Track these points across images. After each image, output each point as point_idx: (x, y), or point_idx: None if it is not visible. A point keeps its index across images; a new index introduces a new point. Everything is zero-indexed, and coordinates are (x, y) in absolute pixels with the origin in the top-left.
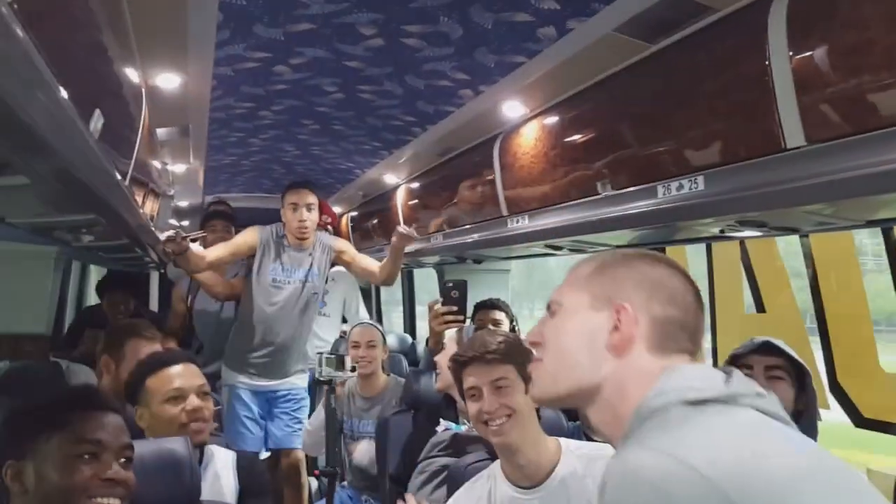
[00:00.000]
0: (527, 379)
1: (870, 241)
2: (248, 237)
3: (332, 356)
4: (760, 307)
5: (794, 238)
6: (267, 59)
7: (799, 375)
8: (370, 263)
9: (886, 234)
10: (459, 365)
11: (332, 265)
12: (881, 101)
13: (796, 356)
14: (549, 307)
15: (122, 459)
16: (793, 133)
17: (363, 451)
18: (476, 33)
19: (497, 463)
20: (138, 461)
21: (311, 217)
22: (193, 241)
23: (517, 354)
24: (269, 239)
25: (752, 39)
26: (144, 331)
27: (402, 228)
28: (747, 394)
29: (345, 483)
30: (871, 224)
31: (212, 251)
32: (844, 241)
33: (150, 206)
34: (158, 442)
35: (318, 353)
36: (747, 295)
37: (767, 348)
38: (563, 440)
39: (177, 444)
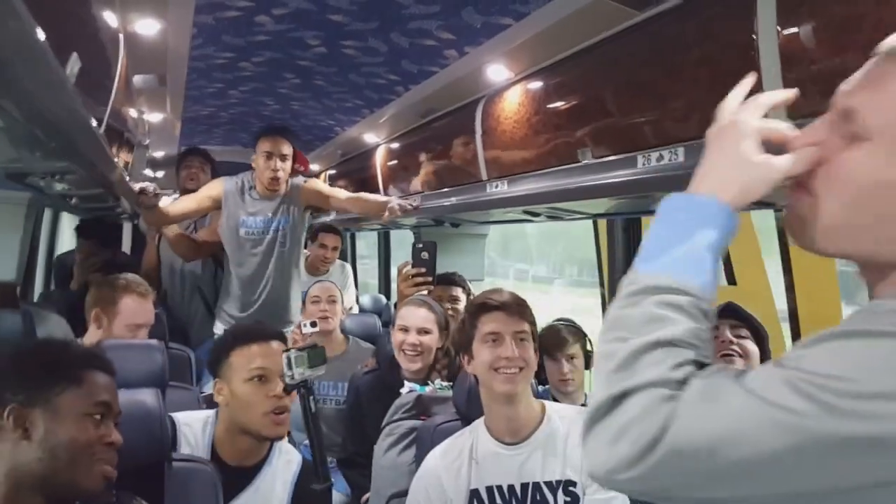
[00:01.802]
0: (535, 339)
1: None
2: (212, 189)
3: (303, 352)
4: (732, 280)
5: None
6: (249, 7)
7: (758, 338)
8: (346, 195)
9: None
10: (482, 309)
11: (307, 209)
12: None
13: (755, 319)
14: (844, 115)
15: (115, 425)
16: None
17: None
18: None
19: (480, 420)
20: None
21: (285, 167)
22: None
23: (530, 314)
24: (236, 189)
25: (740, 11)
26: (138, 286)
27: (396, 204)
28: None
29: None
30: None
31: (176, 204)
32: None
33: (124, 156)
34: (127, 393)
35: (285, 353)
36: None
37: (731, 310)
38: (546, 402)
39: (146, 396)
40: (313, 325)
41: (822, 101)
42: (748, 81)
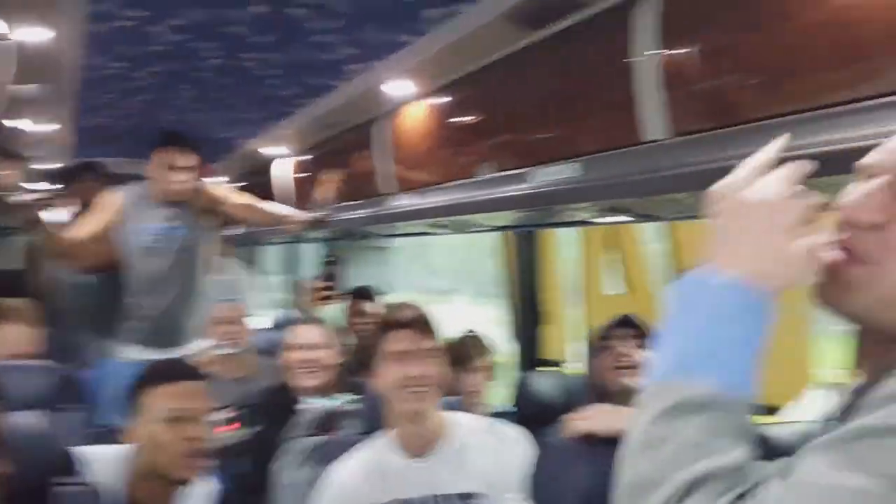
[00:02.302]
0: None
1: None
2: (113, 200)
3: (243, 409)
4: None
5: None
6: (143, 17)
7: None
8: (242, 202)
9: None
10: (389, 327)
11: (206, 213)
12: (743, 99)
13: (649, 327)
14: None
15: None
16: (658, 126)
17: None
18: (365, 8)
19: (383, 435)
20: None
21: (191, 179)
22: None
23: (435, 328)
24: (134, 199)
25: (622, 35)
26: (19, 313)
27: (294, 220)
28: None
29: None
30: None
31: (83, 227)
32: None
33: (11, 167)
34: (10, 416)
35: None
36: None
37: (628, 321)
38: (451, 414)
39: (31, 419)
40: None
41: (701, 120)
42: (781, 141)
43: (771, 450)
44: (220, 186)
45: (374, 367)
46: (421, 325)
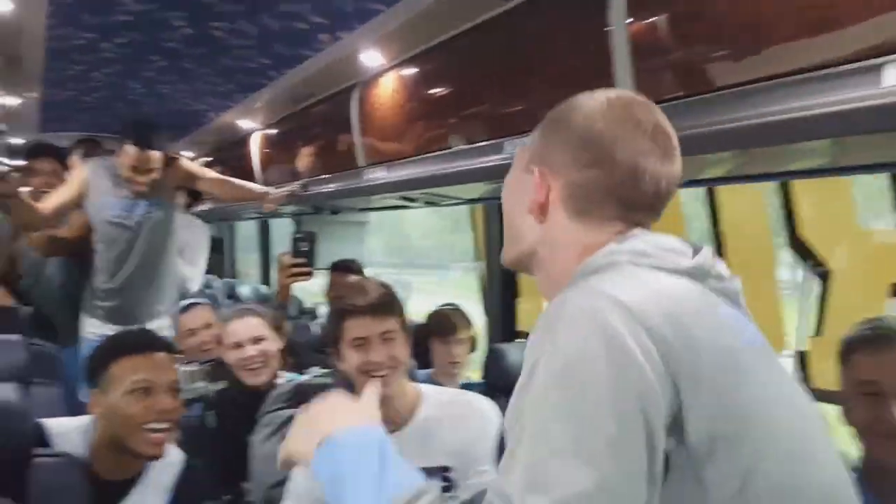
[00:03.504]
0: (405, 331)
1: None
2: (79, 173)
3: (202, 367)
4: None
5: None
6: None
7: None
8: (216, 177)
9: (709, 193)
10: (346, 313)
11: (177, 189)
12: (709, 67)
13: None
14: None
15: None
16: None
17: None
18: None
19: None
20: None
21: (154, 176)
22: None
23: (397, 307)
24: (100, 173)
25: (594, 4)
26: None
27: (271, 199)
28: (709, 273)
29: None
30: (694, 183)
31: (50, 200)
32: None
33: None
34: None
35: (184, 367)
36: None
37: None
38: (422, 386)
39: (6, 391)
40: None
41: (669, 88)
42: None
43: None
44: (192, 163)
45: (336, 350)
46: (380, 307)
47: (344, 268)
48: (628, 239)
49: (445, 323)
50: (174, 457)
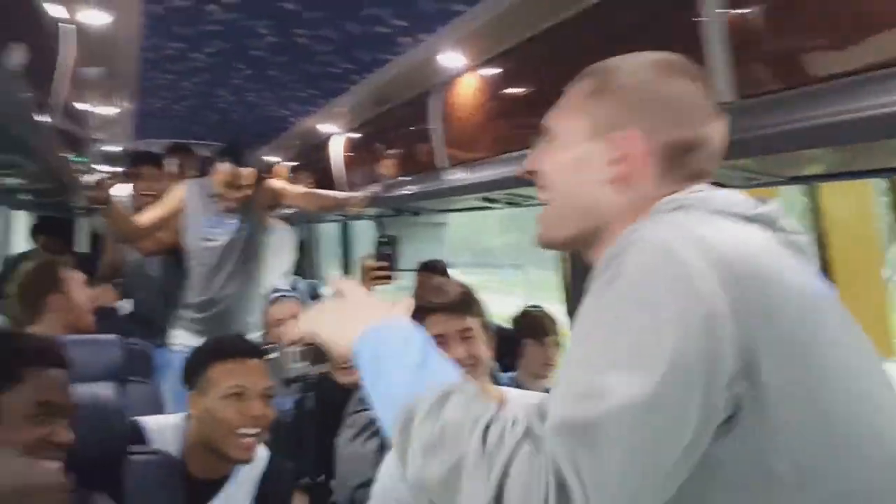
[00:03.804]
0: (485, 331)
1: None
2: (176, 192)
3: (306, 348)
4: None
5: None
6: None
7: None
8: (302, 192)
9: (811, 192)
10: (424, 311)
11: (268, 208)
12: (810, 59)
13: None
14: (545, 131)
15: (70, 419)
16: (725, 88)
17: None
18: None
19: None
20: None
21: (246, 193)
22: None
23: (476, 306)
24: (196, 193)
25: None
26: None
27: (354, 202)
28: (777, 222)
29: None
30: (793, 181)
31: (146, 215)
32: None
33: (76, 149)
34: (82, 387)
35: (289, 349)
36: None
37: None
38: (504, 388)
39: (102, 390)
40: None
41: (769, 82)
42: None
43: None
44: (277, 181)
45: None
46: (458, 306)
47: (430, 268)
48: (695, 191)
49: (539, 324)
50: (260, 453)
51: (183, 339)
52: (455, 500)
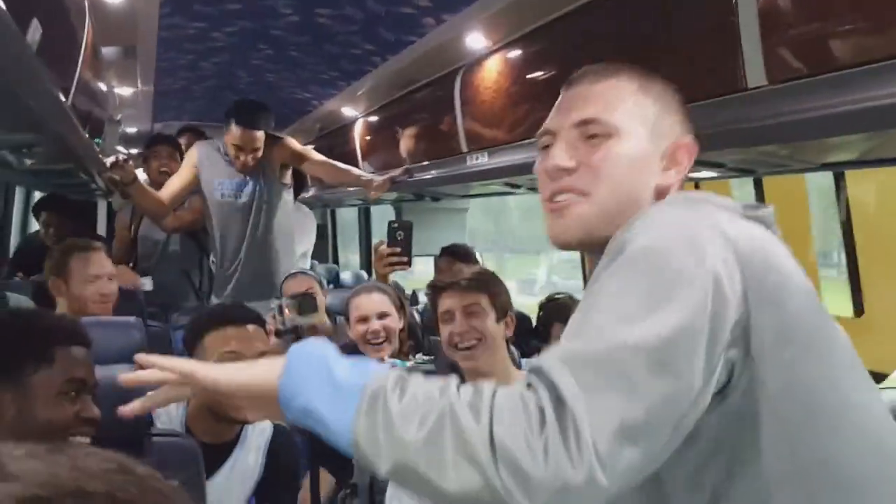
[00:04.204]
0: (498, 309)
1: None
2: (190, 156)
3: (294, 299)
4: None
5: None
6: None
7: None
8: (321, 159)
9: (837, 178)
10: (436, 291)
11: (283, 168)
12: (841, 44)
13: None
14: (588, 124)
15: (92, 396)
16: (755, 73)
17: None
18: None
19: None
20: None
21: (258, 155)
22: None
23: (490, 285)
24: (210, 154)
25: None
26: (83, 242)
27: (376, 185)
28: (773, 225)
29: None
30: (824, 167)
31: (165, 190)
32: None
33: (95, 130)
34: (104, 369)
35: (276, 301)
36: None
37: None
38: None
39: (121, 371)
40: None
41: (798, 67)
42: None
43: None
44: (297, 143)
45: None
46: (466, 283)
47: (451, 253)
48: (695, 192)
49: (566, 310)
50: (264, 423)
51: None
52: (443, 456)
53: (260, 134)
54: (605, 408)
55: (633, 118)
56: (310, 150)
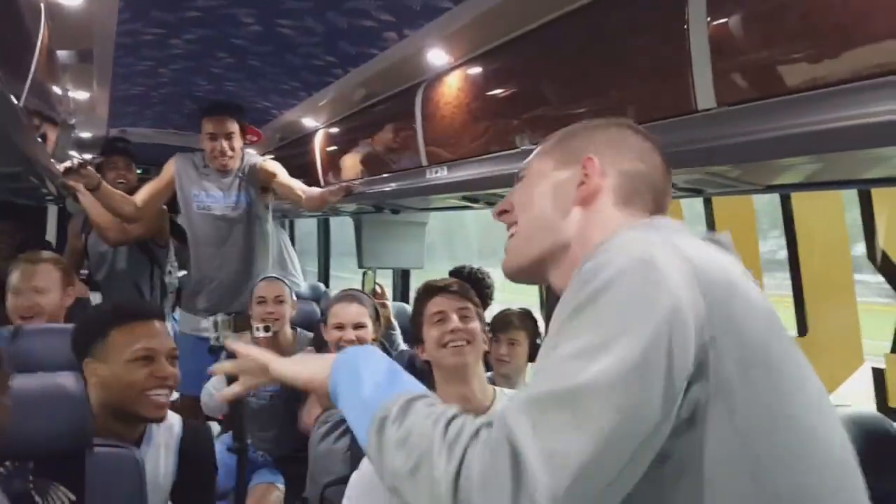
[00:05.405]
0: (481, 320)
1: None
2: (167, 168)
3: (227, 318)
4: None
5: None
6: None
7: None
8: (298, 186)
9: (783, 200)
10: (427, 293)
11: (263, 189)
12: (788, 69)
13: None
14: (517, 177)
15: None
16: (705, 95)
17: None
18: None
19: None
20: (22, 397)
21: (233, 145)
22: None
23: (474, 296)
24: (188, 166)
25: (673, 1)
26: (27, 256)
27: (329, 193)
28: (730, 249)
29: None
30: (770, 189)
31: (139, 194)
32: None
33: (47, 134)
34: (46, 377)
35: (212, 318)
36: None
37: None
38: (497, 388)
39: (66, 379)
40: (266, 329)
41: (748, 90)
42: None
43: None
44: (279, 166)
45: (418, 337)
46: (457, 288)
47: (456, 273)
48: (655, 218)
49: (502, 321)
50: (172, 419)
51: (194, 324)
52: (419, 491)
53: (231, 122)
54: (561, 451)
55: (545, 161)
56: (289, 179)
